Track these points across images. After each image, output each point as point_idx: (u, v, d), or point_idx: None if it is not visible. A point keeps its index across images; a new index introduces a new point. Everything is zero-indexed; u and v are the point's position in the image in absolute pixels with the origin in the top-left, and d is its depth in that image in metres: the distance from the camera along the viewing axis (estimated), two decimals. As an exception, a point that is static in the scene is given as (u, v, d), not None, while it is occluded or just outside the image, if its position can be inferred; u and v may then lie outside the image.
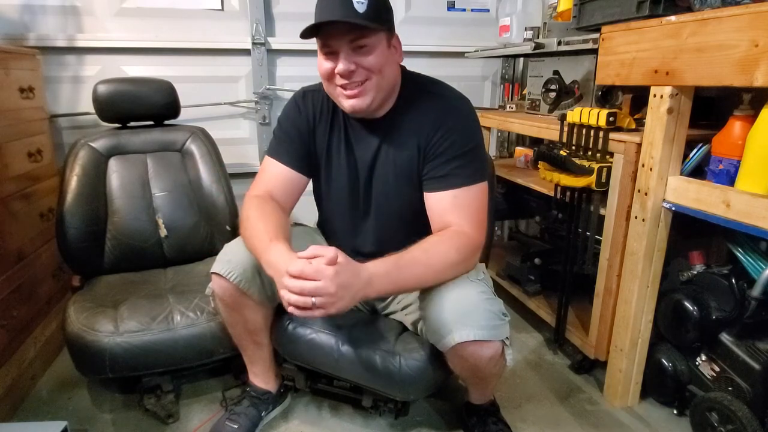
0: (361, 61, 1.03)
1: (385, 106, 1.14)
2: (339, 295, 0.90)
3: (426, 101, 1.14)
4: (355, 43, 1.02)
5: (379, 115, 1.15)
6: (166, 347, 1.32)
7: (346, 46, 1.02)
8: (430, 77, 1.20)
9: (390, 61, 1.08)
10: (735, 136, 1.14)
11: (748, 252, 1.22)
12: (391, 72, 1.10)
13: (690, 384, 1.37)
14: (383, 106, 1.13)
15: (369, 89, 1.06)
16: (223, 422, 1.31)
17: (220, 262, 1.15)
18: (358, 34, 1.01)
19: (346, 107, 1.09)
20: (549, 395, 1.54)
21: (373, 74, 1.05)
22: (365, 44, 1.03)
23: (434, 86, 1.17)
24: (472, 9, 2.41)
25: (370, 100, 1.07)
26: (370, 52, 1.03)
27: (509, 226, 2.63)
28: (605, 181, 1.39)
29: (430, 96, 1.14)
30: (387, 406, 1.34)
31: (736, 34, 1.02)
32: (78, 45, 1.96)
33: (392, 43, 1.09)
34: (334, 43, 1.02)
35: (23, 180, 1.60)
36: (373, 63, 1.04)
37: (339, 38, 1.02)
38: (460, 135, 1.10)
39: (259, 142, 2.27)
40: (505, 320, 1.06)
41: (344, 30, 1.01)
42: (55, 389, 1.52)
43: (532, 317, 1.93)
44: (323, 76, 1.09)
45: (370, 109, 1.09)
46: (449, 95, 1.16)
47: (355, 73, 1.04)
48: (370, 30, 1.01)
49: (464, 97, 1.17)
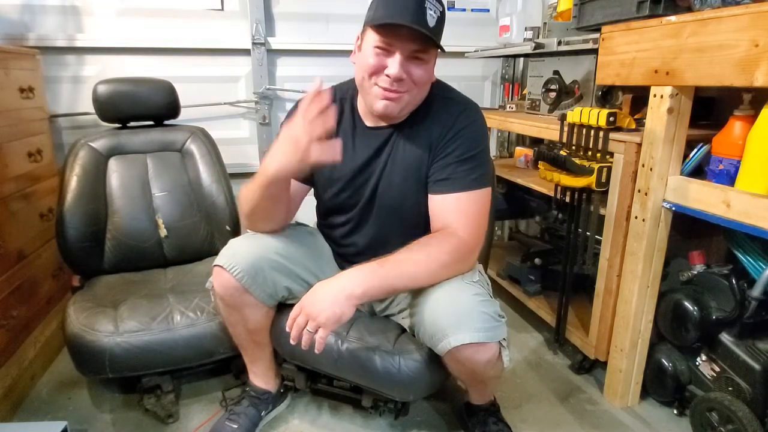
0: (412, 72, 1.04)
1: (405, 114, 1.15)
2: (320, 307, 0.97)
3: (437, 105, 1.15)
4: (416, 54, 1.03)
5: (396, 122, 1.15)
6: (166, 347, 1.32)
7: (407, 53, 1.03)
8: (442, 81, 1.20)
9: (431, 78, 1.11)
10: (735, 136, 1.14)
11: (748, 252, 1.22)
12: (427, 88, 1.12)
13: (690, 384, 1.37)
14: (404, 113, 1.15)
15: (405, 99, 1.07)
16: (223, 422, 1.32)
17: (224, 256, 1.15)
18: (423, 46, 1.02)
19: (378, 107, 1.08)
20: (549, 395, 1.54)
21: (416, 87, 1.07)
22: (424, 58, 1.04)
23: (446, 91, 1.19)
24: (472, 9, 2.41)
25: (402, 107, 1.09)
26: (423, 66, 1.05)
27: (509, 226, 2.64)
28: (605, 181, 1.39)
29: (441, 100, 1.16)
30: (387, 406, 1.34)
31: (737, 34, 1.02)
32: (78, 45, 1.96)
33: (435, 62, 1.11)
34: (397, 44, 1.02)
35: (23, 180, 1.60)
36: (422, 77, 1.06)
37: (404, 42, 1.01)
38: (468, 139, 1.11)
39: (259, 142, 2.27)
40: (501, 321, 1.06)
41: (411, 36, 1.00)
42: (55, 389, 1.52)
43: (532, 317, 1.93)
44: (368, 70, 1.06)
45: (399, 115, 1.12)
46: (460, 100, 1.17)
47: (403, 83, 1.04)
48: (433, 46, 1.03)
49: (474, 102, 1.18)
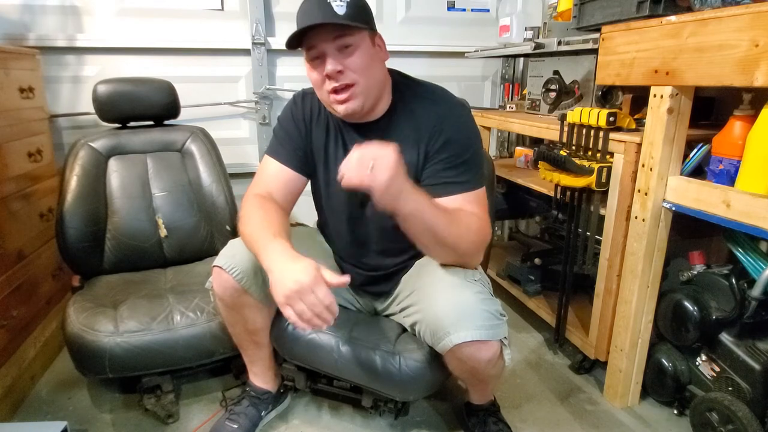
0: (347, 63, 1.04)
1: (378, 107, 1.14)
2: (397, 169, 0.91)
3: (424, 107, 1.14)
4: (340, 43, 1.03)
5: (374, 118, 1.15)
6: (166, 347, 1.32)
7: (332, 48, 1.03)
8: (427, 81, 1.20)
9: (375, 59, 1.09)
10: (735, 136, 1.14)
11: (748, 252, 1.22)
12: (378, 71, 1.10)
13: (690, 384, 1.37)
14: (376, 107, 1.13)
15: (358, 92, 1.06)
16: (223, 422, 1.32)
17: (224, 257, 1.15)
18: (340, 32, 1.02)
19: (339, 111, 1.09)
20: (549, 395, 1.54)
21: (360, 76, 1.05)
22: (350, 43, 1.03)
23: (432, 92, 1.17)
24: (472, 9, 2.41)
25: (362, 102, 1.07)
26: (355, 52, 1.04)
27: (509, 226, 2.63)
28: (605, 181, 1.39)
29: (428, 102, 1.14)
30: (387, 406, 1.34)
31: (737, 34, 1.02)
32: (78, 45, 1.95)
33: (376, 42, 1.10)
34: (319, 45, 1.03)
35: (23, 180, 1.60)
36: (359, 62, 1.04)
37: (323, 40, 1.03)
38: (459, 142, 1.10)
39: (259, 142, 2.27)
40: (502, 320, 1.06)
41: (327, 32, 1.02)
42: (55, 389, 1.52)
43: (532, 317, 1.93)
44: (314, 85, 1.10)
45: (363, 110, 1.10)
46: (448, 101, 1.16)
47: (344, 75, 1.04)
48: (353, 29, 1.03)
49: (462, 102, 1.17)
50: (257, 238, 1.03)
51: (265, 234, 1.02)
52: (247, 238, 1.08)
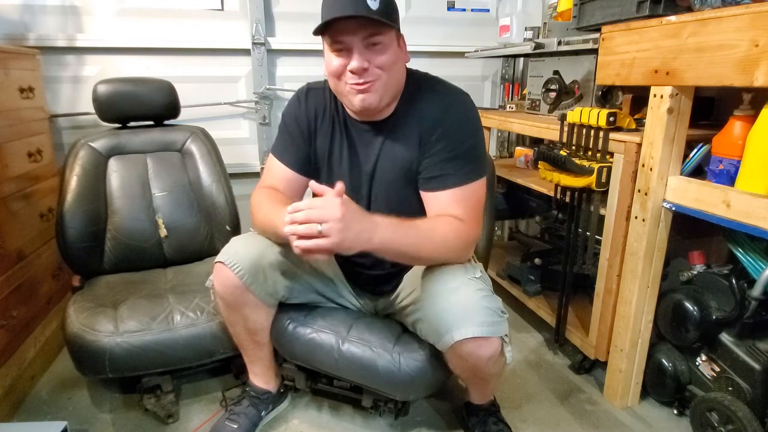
0: (374, 59, 1.03)
1: (390, 106, 1.14)
2: (346, 222, 0.90)
3: (427, 100, 1.13)
4: (369, 40, 1.01)
5: (383, 117, 1.15)
6: (166, 347, 1.32)
7: (360, 43, 1.01)
8: (431, 75, 1.19)
9: (399, 61, 1.08)
10: (735, 136, 1.14)
11: (748, 252, 1.22)
12: (400, 72, 1.10)
13: (690, 384, 1.37)
14: (389, 106, 1.13)
15: (378, 87, 1.05)
16: (223, 422, 1.31)
17: (226, 253, 1.15)
18: (372, 31, 1.01)
19: (356, 103, 1.07)
20: (549, 395, 1.54)
21: (384, 73, 1.04)
22: (379, 42, 1.02)
23: (435, 84, 1.17)
24: (472, 9, 2.41)
25: (379, 97, 1.06)
26: (384, 51, 1.03)
27: (509, 226, 2.64)
28: (605, 181, 1.39)
29: (430, 94, 1.14)
30: (387, 406, 1.34)
31: (737, 34, 1.02)
32: (78, 45, 1.96)
33: (400, 43, 1.09)
34: (347, 39, 1.01)
35: (23, 180, 1.60)
36: (385, 61, 1.03)
37: (352, 34, 1.00)
38: (458, 134, 1.10)
39: (259, 142, 2.27)
40: (503, 317, 1.06)
41: (358, 26, 1.00)
42: (55, 389, 1.52)
43: (532, 317, 1.93)
44: (332, 74, 1.07)
45: (380, 107, 1.09)
46: (449, 92, 1.15)
47: (368, 72, 1.03)
48: (385, 27, 1.01)
49: (464, 92, 1.16)
50: (272, 216, 1.06)
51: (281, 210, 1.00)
52: (261, 220, 1.11)
